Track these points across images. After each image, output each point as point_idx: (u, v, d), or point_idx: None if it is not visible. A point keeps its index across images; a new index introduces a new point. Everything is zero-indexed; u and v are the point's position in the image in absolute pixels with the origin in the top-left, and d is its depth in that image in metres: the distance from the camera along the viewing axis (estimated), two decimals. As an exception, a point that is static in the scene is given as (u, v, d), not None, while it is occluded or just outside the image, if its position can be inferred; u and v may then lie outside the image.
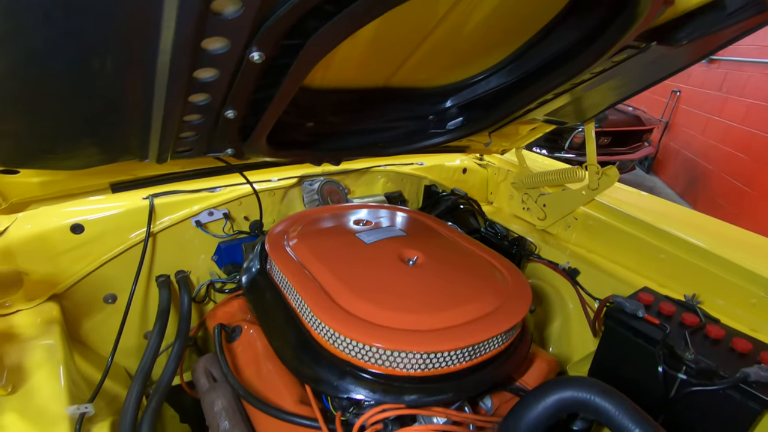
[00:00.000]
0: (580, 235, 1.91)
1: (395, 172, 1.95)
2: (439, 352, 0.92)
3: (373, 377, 0.94)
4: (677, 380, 1.18)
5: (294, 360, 1.01)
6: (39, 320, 1.18)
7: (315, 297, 1.01)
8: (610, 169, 1.73)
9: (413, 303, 1.01)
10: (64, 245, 1.26)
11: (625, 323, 1.32)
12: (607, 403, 0.88)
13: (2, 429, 0.87)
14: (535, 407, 0.92)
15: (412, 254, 1.21)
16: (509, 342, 1.07)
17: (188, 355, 1.58)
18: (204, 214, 1.45)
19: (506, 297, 1.10)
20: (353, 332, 0.92)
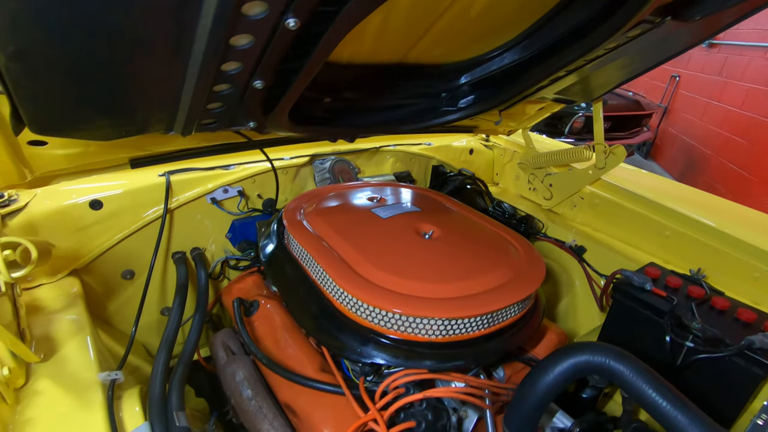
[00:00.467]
0: (586, 214, 1.94)
1: (404, 152, 1.97)
2: (459, 318, 0.95)
3: (395, 343, 0.97)
4: (684, 348, 1.22)
5: (317, 329, 1.04)
6: (62, 294, 1.20)
7: (336, 267, 1.04)
8: (617, 147, 1.76)
9: (432, 273, 1.04)
10: (83, 221, 1.27)
11: (633, 296, 1.35)
12: (622, 365, 0.91)
13: (39, 394, 0.89)
14: (551, 371, 0.96)
15: (428, 228, 1.24)
16: (524, 312, 1.11)
17: (204, 331, 1.61)
18: (219, 192, 1.47)
19: (521, 268, 1.13)
20: (376, 299, 0.95)
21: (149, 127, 0.87)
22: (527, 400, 0.98)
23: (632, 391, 0.90)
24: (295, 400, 1.09)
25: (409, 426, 0.91)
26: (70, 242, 1.26)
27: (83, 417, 0.86)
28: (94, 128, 0.78)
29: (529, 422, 1.00)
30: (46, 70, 0.59)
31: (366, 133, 1.38)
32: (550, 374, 0.96)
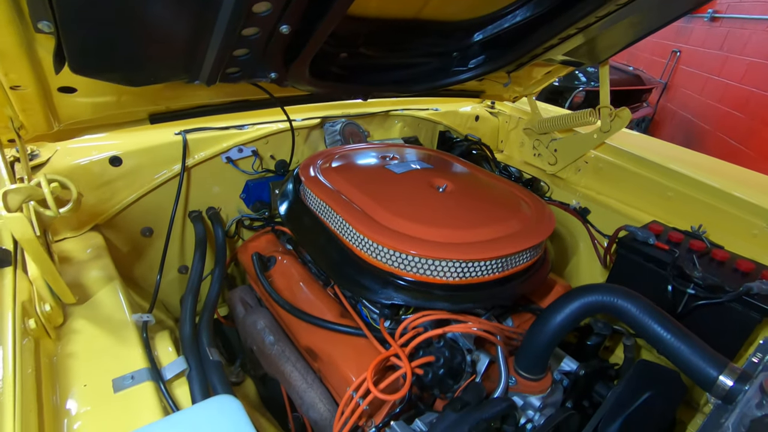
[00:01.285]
0: (590, 178, 1.98)
1: (412, 117, 1.99)
2: (474, 261, 1.00)
3: (413, 285, 1.02)
4: (686, 296, 1.28)
5: (339, 275, 1.08)
6: (87, 246, 1.23)
7: (354, 214, 1.08)
8: (622, 110, 1.79)
9: (447, 220, 1.09)
10: (103, 177, 1.30)
11: (637, 250, 1.41)
12: (629, 303, 0.97)
13: (77, 332, 0.94)
14: (562, 311, 1.01)
15: (442, 182, 1.27)
16: (534, 260, 1.16)
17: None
18: (234, 151, 1.49)
19: (531, 219, 1.18)
20: (394, 242, 0.99)
21: (177, 74, 0.89)
22: (538, 339, 1.04)
23: (638, 326, 0.95)
24: (317, 343, 1.14)
25: (429, 360, 0.96)
26: (92, 198, 1.29)
27: (121, 351, 0.90)
28: (127, 71, 0.80)
29: (540, 361, 1.07)
30: (93, 11, 0.61)
31: (380, 91, 1.40)
32: (560, 314, 1.02)
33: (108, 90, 0.98)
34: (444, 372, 0.99)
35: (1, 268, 0.85)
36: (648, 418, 1.00)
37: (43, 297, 0.87)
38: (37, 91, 0.85)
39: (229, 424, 0.66)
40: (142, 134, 1.37)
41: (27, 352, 0.77)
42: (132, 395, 0.82)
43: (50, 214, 0.76)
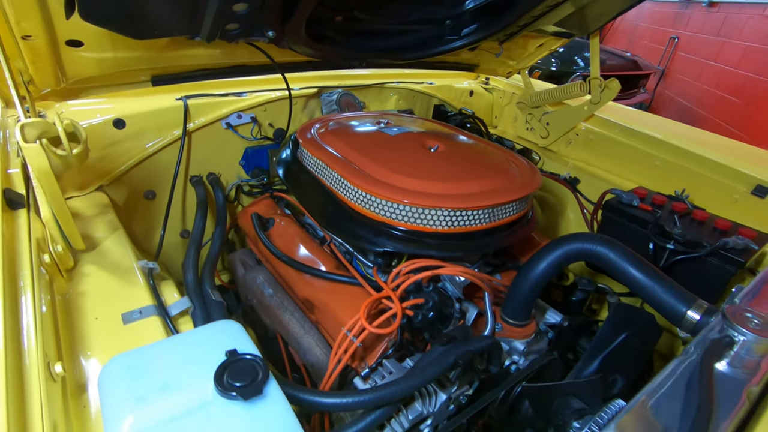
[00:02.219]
0: (581, 150, 2.03)
1: (407, 90, 2.03)
2: (462, 209, 1.06)
3: (404, 234, 1.08)
4: (666, 251, 1.34)
5: (335, 228, 1.14)
6: (93, 204, 1.29)
7: (349, 170, 1.13)
8: (612, 81, 1.83)
9: (438, 175, 1.14)
10: (108, 139, 1.35)
11: (622, 211, 1.46)
12: (607, 248, 1.03)
13: (87, 275, 1.00)
14: (545, 258, 1.07)
15: (434, 143, 1.32)
16: (520, 214, 1.21)
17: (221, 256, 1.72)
18: (233, 117, 1.54)
19: (517, 176, 1.23)
20: (387, 193, 1.05)
21: (179, 27, 0.94)
22: (523, 286, 1.10)
23: (616, 269, 1.01)
24: (314, 294, 1.21)
25: (419, 302, 1.02)
26: (96, 159, 1.34)
27: (129, 292, 0.96)
28: (131, 22, 0.85)
29: (524, 307, 1.13)
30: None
31: (375, 57, 1.44)
32: (544, 261, 1.08)
33: (112, 46, 1.02)
34: (434, 315, 1.05)
35: (16, 210, 0.90)
36: (625, 357, 1.06)
37: (54, 238, 0.93)
38: (46, 42, 0.90)
39: (231, 340, 0.72)
40: (145, 99, 1.42)
41: (44, 285, 0.82)
42: (140, 327, 0.88)
43: (62, 153, 0.81)
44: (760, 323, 0.79)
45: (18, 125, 0.72)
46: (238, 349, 0.69)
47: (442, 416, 0.99)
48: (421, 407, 0.94)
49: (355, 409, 0.81)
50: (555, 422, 0.97)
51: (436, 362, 0.89)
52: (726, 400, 0.70)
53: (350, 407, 0.81)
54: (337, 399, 0.81)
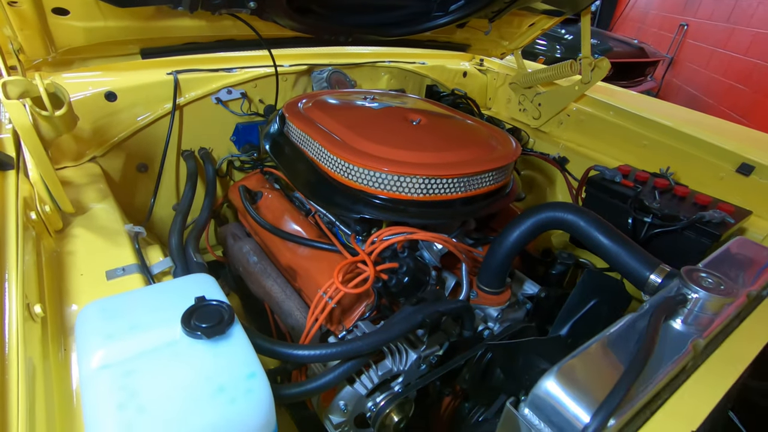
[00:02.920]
0: (573, 131, 2.04)
1: (399, 69, 2.04)
2: (437, 177, 1.08)
3: (382, 201, 1.11)
4: (645, 225, 1.35)
5: (317, 196, 1.17)
6: (85, 174, 1.33)
7: (330, 140, 1.16)
8: (602, 60, 1.83)
9: (416, 145, 1.16)
10: (100, 111, 1.39)
11: (604, 187, 1.48)
12: (577, 216, 1.05)
13: (75, 236, 1.04)
14: (519, 226, 1.10)
15: (416, 117, 1.35)
16: (498, 185, 1.23)
17: (213, 228, 1.76)
18: (223, 92, 1.57)
19: (495, 149, 1.25)
20: (364, 161, 1.08)
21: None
22: (497, 253, 1.13)
23: (585, 236, 1.04)
24: (296, 261, 1.25)
25: (393, 266, 1.06)
26: (89, 130, 1.38)
27: (114, 252, 1.01)
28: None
29: (498, 275, 1.16)
30: None
31: (361, 33, 1.46)
32: (518, 229, 1.11)
33: (99, 15, 1.05)
34: (409, 281, 1.08)
35: (5, 171, 0.94)
36: (594, 323, 1.09)
37: (42, 198, 0.97)
38: (32, 9, 0.93)
39: (202, 290, 0.76)
40: (136, 73, 1.46)
41: (29, 239, 0.87)
42: (122, 283, 0.92)
43: (45, 114, 0.85)
44: (713, 282, 0.81)
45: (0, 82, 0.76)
46: (207, 297, 0.73)
47: (413, 375, 1.03)
48: (390, 364, 0.98)
49: (321, 360, 0.85)
50: (524, 384, 1.00)
51: (404, 320, 0.92)
52: (672, 349, 0.72)
53: (317, 359, 0.85)
54: (304, 351, 0.85)
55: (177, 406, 0.58)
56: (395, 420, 0.96)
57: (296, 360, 0.85)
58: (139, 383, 0.59)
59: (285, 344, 0.86)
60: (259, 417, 0.61)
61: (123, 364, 0.62)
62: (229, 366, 0.64)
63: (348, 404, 0.94)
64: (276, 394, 0.72)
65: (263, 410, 0.61)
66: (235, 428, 0.59)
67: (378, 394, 0.99)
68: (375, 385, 0.96)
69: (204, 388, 0.60)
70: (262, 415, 0.61)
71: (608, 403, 0.58)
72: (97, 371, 0.61)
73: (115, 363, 0.62)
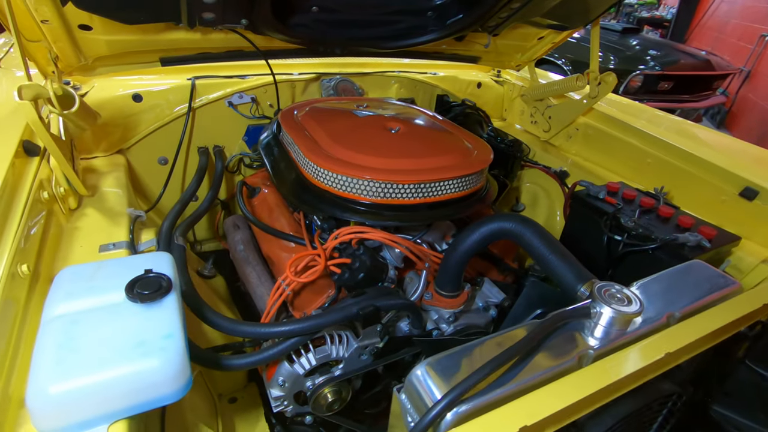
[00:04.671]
0: (580, 145, 2.01)
1: (408, 79, 2.13)
2: (393, 183, 1.16)
3: (341, 200, 1.20)
4: (620, 245, 1.34)
5: (291, 193, 1.29)
6: (110, 164, 1.55)
7: (307, 144, 1.28)
8: (608, 75, 1.80)
9: (384, 152, 1.25)
10: (128, 110, 1.61)
11: (587, 203, 1.47)
12: (522, 227, 1.08)
13: (85, 216, 1.24)
14: (471, 234, 1.15)
15: (396, 125, 1.43)
16: (463, 192, 1.28)
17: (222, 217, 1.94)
18: (235, 97, 1.75)
19: (464, 158, 1.31)
20: (327, 163, 1.18)
21: (160, 15, 1.14)
22: (452, 258, 1.19)
23: (529, 246, 1.07)
24: (273, 250, 1.38)
25: (345, 261, 1.15)
26: (119, 127, 1.61)
27: (113, 230, 1.18)
28: (119, 9, 1.06)
29: (452, 278, 1.21)
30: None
31: (355, 45, 1.57)
32: (470, 237, 1.15)
33: (117, 30, 1.25)
34: (363, 277, 1.17)
35: (32, 157, 1.15)
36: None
37: (59, 181, 1.17)
38: (60, 26, 1.14)
39: (156, 265, 0.90)
40: (160, 78, 1.67)
41: (35, 211, 1.06)
42: (110, 256, 1.09)
43: (56, 112, 1.04)
44: (622, 299, 0.83)
45: (16, 87, 0.95)
46: (155, 270, 0.87)
47: (354, 363, 1.11)
48: (329, 349, 1.07)
49: (256, 337, 0.97)
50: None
51: (339, 310, 1.01)
52: (558, 356, 0.76)
53: (254, 335, 0.96)
54: (243, 327, 0.96)
55: (102, 351, 0.71)
56: (329, 400, 1.05)
57: (236, 334, 0.97)
58: (78, 331, 0.74)
59: (228, 320, 0.98)
60: (168, 371, 0.73)
61: (72, 315, 0.77)
62: (153, 327, 0.76)
63: (286, 381, 1.05)
64: (222, 363, 0.86)
65: (173, 366, 0.73)
66: (144, 377, 0.71)
67: (317, 375, 1.08)
68: (313, 367, 1.06)
69: (128, 341, 0.73)
70: (171, 370, 0.73)
71: (456, 389, 0.64)
72: (52, 319, 0.76)
73: (66, 314, 0.77)
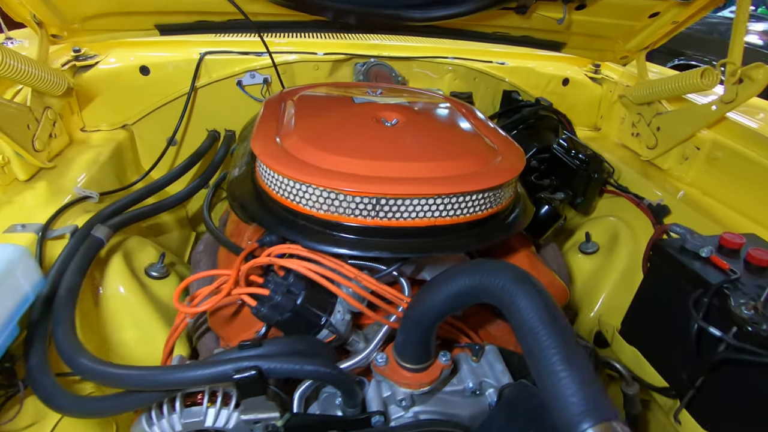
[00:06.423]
0: (700, 171, 1.39)
1: (466, 68, 1.70)
2: (338, 192, 0.80)
3: (279, 208, 0.89)
4: (721, 342, 0.79)
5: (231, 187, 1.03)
6: (109, 138, 1.45)
7: (261, 133, 0.99)
8: (757, 68, 1.18)
9: (360, 150, 0.90)
10: (135, 82, 1.50)
11: (675, 260, 0.93)
12: (514, 293, 0.64)
13: (32, 188, 1.12)
14: (432, 294, 0.74)
15: (393, 117, 1.06)
16: (460, 219, 0.87)
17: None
18: (246, 76, 1.54)
19: (474, 169, 0.89)
20: (269, 160, 0.87)
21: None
22: (408, 319, 0.79)
23: (519, 329, 0.63)
24: (220, 257, 1.13)
25: (260, 292, 0.83)
26: (124, 99, 1.51)
27: (42, 210, 1.04)
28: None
29: (414, 345, 0.81)
30: None
31: (372, 15, 1.23)
32: (430, 299, 0.74)
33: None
34: (290, 317, 0.84)
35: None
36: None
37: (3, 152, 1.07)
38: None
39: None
40: (169, 51, 1.53)
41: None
42: (9, 237, 0.93)
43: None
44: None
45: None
46: None
47: (245, 440, 0.79)
48: (202, 413, 0.76)
49: (84, 377, 0.71)
50: None
51: (211, 364, 0.70)
52: None
53: (81, 372, 0.70)
54: (79, 359, 0.71)
55: None
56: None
57: (71, 366, 0.72)
58: None
59: (70, 344, 0.74)
60: None
61: None
62: None
63: (142, 442, 0.77)
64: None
65: None
66: None
67: (191, 446, 0.78)
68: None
69: None
70: None
71: None
72: None
73: None
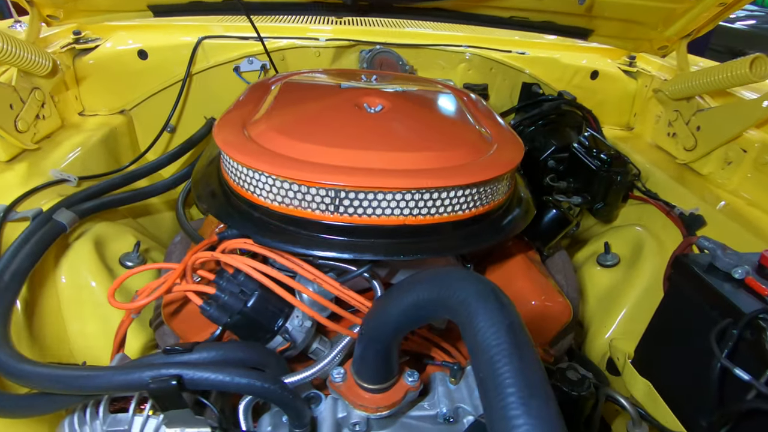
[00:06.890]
0: (745, 177, 1.20)
1: (481, 57, 1.56)
2: (292, 182, 0.71)
3: (240, 201, 0.80)
4: (748, 389, 0.63)
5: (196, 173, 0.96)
6: (104, 124, 1.42)
7: (227, 118, 0.91)
8: (820, 55, 0.98)
9: (330, 136, 0.80)
10: (132, 66, 1.46)
11: (701, 281, 0.77)
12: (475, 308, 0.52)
13: (10, 170, 1.09)
14: (386, 307, 0.62)
15: (379, 103, 0.95)
16: (409, 220, 0.75)
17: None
18: (245, 62, 1.47)
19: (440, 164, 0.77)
20: (225, 145, 0.79)
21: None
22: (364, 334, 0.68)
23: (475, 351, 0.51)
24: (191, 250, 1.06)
25: (205, 290, 0.74)
26: (122, 84, 1.48)
27: (11, 190, 1.01)
28: None
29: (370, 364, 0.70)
30: None
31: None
32: (386, 312, 0.63)
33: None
34: (239, 320, 0.75)
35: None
36: None
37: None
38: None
39: None
40: (168, 35, 1.48)
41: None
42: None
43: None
44: None
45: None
46: None
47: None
48: (128, 422, 0.68)
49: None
50: None
51: (121, 371, 0.61)
52: None
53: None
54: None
55: None
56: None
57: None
58: None
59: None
60: None
61: None
62: None
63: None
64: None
65: None
66: None
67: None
68: (102, 441, 0.69)
69: None
70: None
71: None
72: None
73: None
